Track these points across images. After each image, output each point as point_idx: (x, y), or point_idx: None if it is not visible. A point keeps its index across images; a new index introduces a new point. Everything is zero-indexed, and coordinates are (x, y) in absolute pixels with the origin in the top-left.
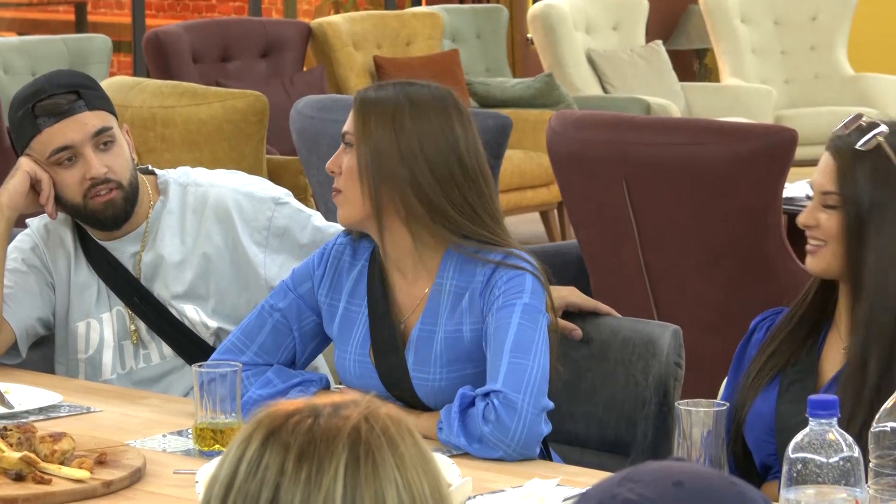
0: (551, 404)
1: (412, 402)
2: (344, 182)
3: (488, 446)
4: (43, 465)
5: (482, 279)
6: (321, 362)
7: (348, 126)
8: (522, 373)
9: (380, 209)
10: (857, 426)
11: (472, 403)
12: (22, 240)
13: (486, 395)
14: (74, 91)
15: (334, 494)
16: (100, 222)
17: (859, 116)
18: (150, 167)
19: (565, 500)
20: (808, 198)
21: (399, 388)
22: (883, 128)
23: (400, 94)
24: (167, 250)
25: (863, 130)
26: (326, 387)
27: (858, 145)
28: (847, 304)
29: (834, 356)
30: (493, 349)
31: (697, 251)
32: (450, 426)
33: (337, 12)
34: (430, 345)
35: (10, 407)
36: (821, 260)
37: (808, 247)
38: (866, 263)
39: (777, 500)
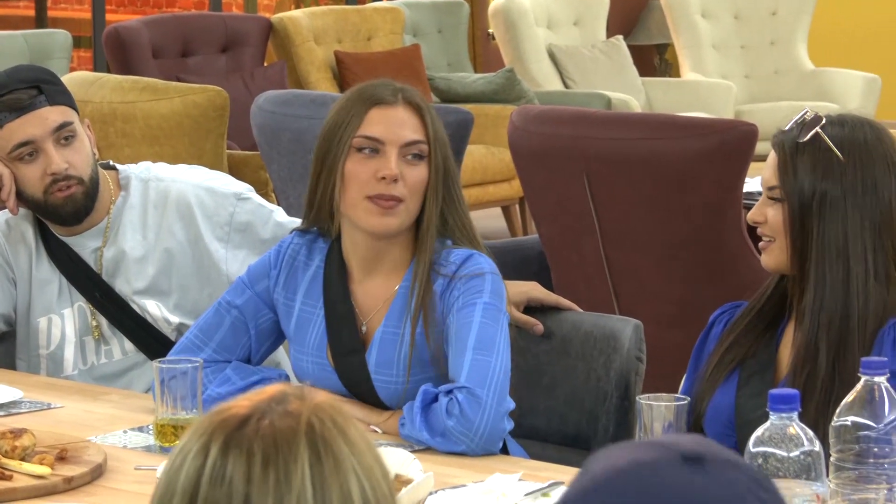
0: (513, 405)
1: (373, 403)
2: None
3: (451, 440)
4: (4, 461)
5: (444, 281)
6: (282, 357)
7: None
8: (486, 369)
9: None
10: (811, 417)
11: (435, 399)
12: None
13: (450, 391)
14: (35, 86)
15: (305, 494)
16: (60, 217)
17: (804, 112)
18: (111, 162)
19: (526, 494)
20: (760, 195)
21: (359, 390)
22: (823, 120)
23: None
24: (129, 245)
25: (805, 124)
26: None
27: (799, 139)
28: (796, 297)
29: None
30: (455, 348)
31: (658, 246)
32: (412, 421)
33: (297, 7)
34: (393, 347)
35: None
36: (772, 256)
37: (760, 244)
38: (810, 255)
39: None
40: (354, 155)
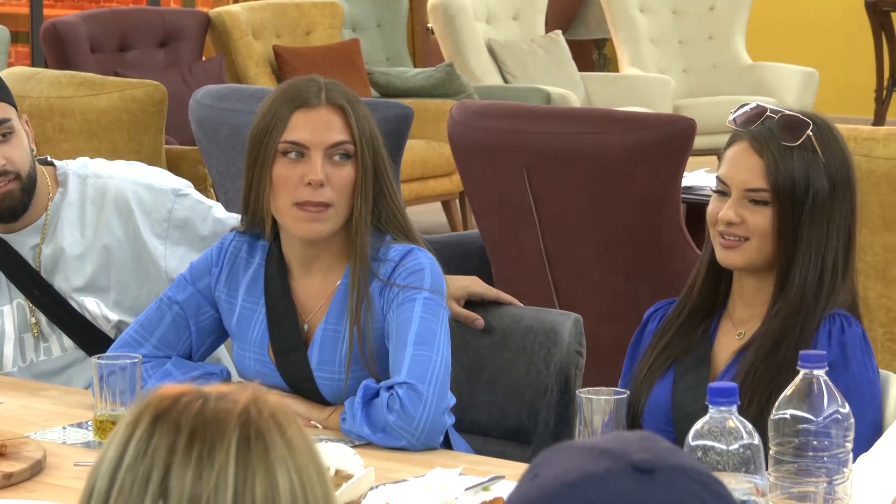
0: (454, 400)
1: (315, 400)
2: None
3: (392, 435)
4: None
5: (383, 276)
6: (223, 354)
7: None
8: (426, 364)
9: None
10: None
11: (377, 395)
12: None
13: (391, 387)
14: None
15: (226, 472)
16: None
17: (762, 108)
18: (48, 158)
19: (467, 489)
20: (719, 192)
21: (301, 387)
22: (810, 123)
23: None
24: (67, 242)
25: (787, 124)
26: (227, 379)
27: (784, 140)
28: (753, 294)
29: (727, 344)
30: (395, 343)
31: (596, 239)
32: (353, 416)
33: (236, 1)
34: (334, 344)
35: None
36: (744, 255)
37: (723, 241)
38: (797, 256)
39: None
40: (281, 159)
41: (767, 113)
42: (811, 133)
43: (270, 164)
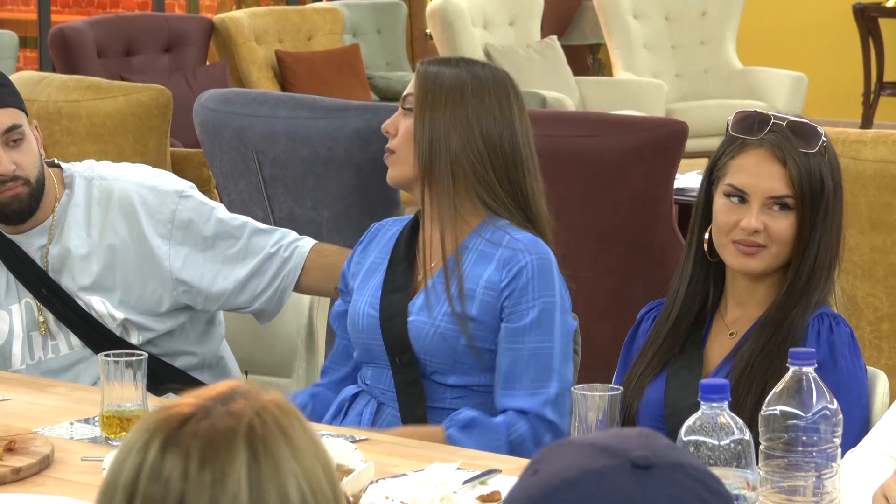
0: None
1: (397, 342)
2: (398, 143)
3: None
4: None
5: (508, 252)
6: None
7: (410, 89)
8: (565, 399)
9: (430, 174)
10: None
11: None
12: None
13: (544, 419)
14: None
15: (239, 496)
16: (5, 216)
17: (765, 115)
18: (55, 160)
19: (465, 482)
20: (733, 200)
21: (392, 322)
22: (822, 132)
23: (463, 71)
24: (73, 243)
25: (802, 131)
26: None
27: (802, 147)
28: (745, 294)
29: (720, 343)
30: (538, 359)
31: (591, 239)
32: (497, 446)
33: (239, 7)
34: (441, 294)
35: None
36: (761, 262)
37: (741, 248)
38: (807, 259)
39: None
40: None
41: (773, 120)
42: (826, 139)
43: None
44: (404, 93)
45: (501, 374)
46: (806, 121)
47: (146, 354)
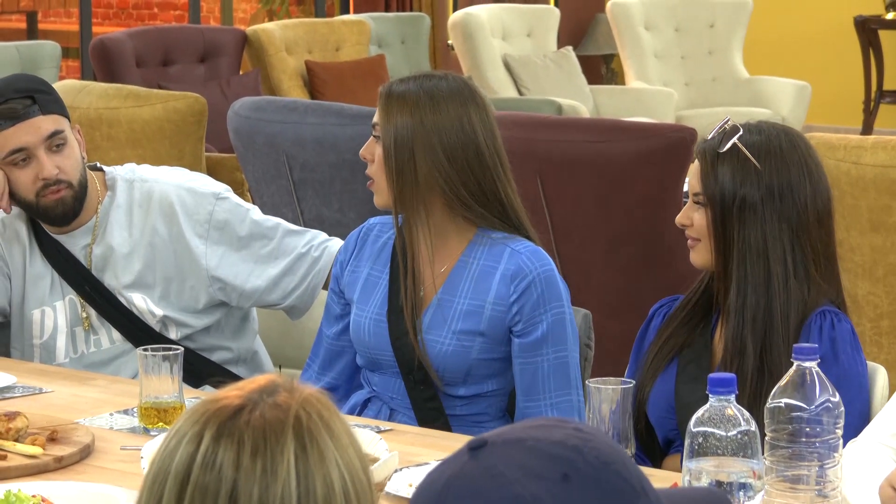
0: None
1: (410, 361)
2: (375, 171)
3: None
4: None
5: (513, 267)
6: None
7: (376, 118)
8: (582, 405)
9: (402, 195)
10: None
11: None
12: None
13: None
14: (30, 96)
15: (290, 484)
16: (50, 218)
17: (725, 121)
18: (98, 164)
19: None
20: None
21: (401, 346)
22: (740, 131)
23: (420, 88)
24: (116, 242)
25: (725, 134)
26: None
27: (719, 148)
28: (721, 294)
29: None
30: (555, 371)
31: (603, 240)
32: None
33: (271, 20)
34: (448, 311)
35: None
36: (698, 255)
37: (688, 243)
38: (732, 256)
39: (680, 472)
40: None
41: (726, 124)
42: (737, 141)
43: None
44: (372, 120)
45: (524, 387)
46: (743, 125)
47: (182, 349)
